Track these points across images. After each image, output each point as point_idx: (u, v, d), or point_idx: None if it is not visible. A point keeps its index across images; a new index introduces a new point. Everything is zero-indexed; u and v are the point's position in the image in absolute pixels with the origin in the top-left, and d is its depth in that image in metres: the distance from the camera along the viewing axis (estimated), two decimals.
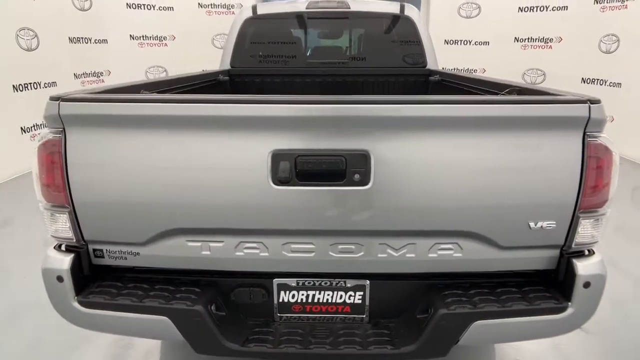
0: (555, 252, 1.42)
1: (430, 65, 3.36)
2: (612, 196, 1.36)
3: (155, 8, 7.70)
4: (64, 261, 1.41)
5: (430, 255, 1.40)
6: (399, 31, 3.36)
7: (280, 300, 1.53)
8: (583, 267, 1.37)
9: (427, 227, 1.35)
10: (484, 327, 1.37)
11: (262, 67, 3.40)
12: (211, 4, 8.13)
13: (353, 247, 1.40)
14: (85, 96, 1.33)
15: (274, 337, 1.46)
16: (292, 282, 1.51)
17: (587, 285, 1.37)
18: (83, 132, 1.33)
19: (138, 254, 1.45)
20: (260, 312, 1.55)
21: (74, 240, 1.43)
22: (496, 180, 1.31)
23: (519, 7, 7.12)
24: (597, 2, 6.24)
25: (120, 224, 1.40)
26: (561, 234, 1.37)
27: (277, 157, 1.28)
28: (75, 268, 1.42)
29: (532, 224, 1.35)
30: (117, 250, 1.45)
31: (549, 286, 1.46)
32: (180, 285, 1.49)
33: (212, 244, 1.41)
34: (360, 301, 1.52)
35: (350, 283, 1.50)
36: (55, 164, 1.35)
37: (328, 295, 1.52)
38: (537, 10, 7.01)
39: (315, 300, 1.53)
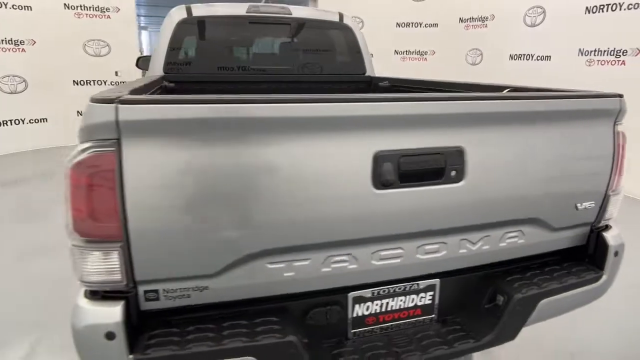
0: (586, 229, 1.61)
1: (369, 72, 3.51)
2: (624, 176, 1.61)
3: (8, 6, 6.44)
4: (114, 312, 1.08)
5: (500, 244, 1.47)
6: (340, 39, 3.43)
7: (355, 314, 1.42)
8: (612, 239, 1.59)
9: (505, 217, 1.42)
10: (546, 304, 1.49)
11: (199, 73, 3.12)
12: (80, 5, 7.15)
13: (437, 246, 1.38)
14: (148, 98, 1.05)
15: (359, 355, 1.36)
16: (367, 293, 1.42)
17: (616, 253, 1.59)
18: (144, 143, 1.05)
19: (206, 288, 1.19)
20: (333, 331, 1.42)
21: (123, 284, 1.11)
22: (555, 168, 1.44)
23: (397, 23, 7.90)
24: (461, 21, 7.29)
25: (186, 254, 1.14)
26: (595, 212, 1.57)
27: (381, 158, 1.20)
28: (127, 319, 1.11)
29: (579, 205, 1.51)
30: (178, 288, 1.18)
31: (580, 260, 1.65)
32: (251, 317, 1.28)
33: (296, 264, 1.24)
34: (430, 301, 1.51)
35: (422, 284, 1.48)
36: (104, 186, 1.03)
37: (401, 301, 1.47)
38: (412, 27, 7.87)
39: (389, 309, 1.46)
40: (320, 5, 7.85)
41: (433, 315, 1.52)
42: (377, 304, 1.44)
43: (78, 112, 7.54)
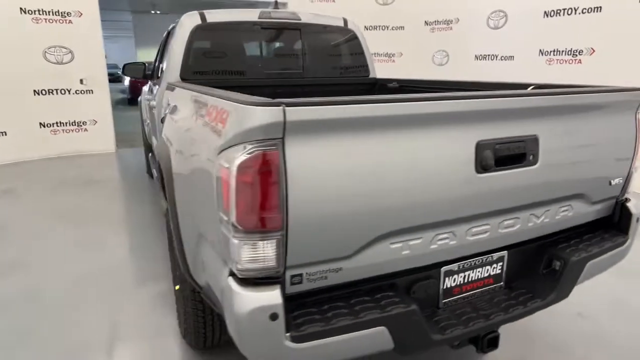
0: (613, 202, 1.91)
1: (372, 75, 3.73)
2: None
3: None
4: (276, 295, 1.21)
5: (556, 217, 1.72)
6: (345, 43, 3.62)
7: (445, 286, 1.62)
8: (634, 207, 1.90)
9: (563, 193, 1.67)
10: (591, 265, 1.76)
11: (217, 78, 3.18)
12: (38, 10, 6.81)
13: (513, 221, 1.61)
14: (308, 100, 1.18)
15: (456, 319, 1.55)
16: (455, 267, 1.61)
17: (638, 220, 1.90)
18: (302, 141, 1.18)
19: (340, 269, 1.34)
20: (427, 302, 1.60)
21: (277, 270, 1.23)
22: (597, 150, 1.72)
23: (365, 26, 8.20)
24: (427, 24, 7.73)
25: (330, 239, 1.28)
26: (621, 187, 1.87)
27: (481, 147, 1.40)
28: (284, 301, 1.23)
29: (612, 181, 1.81)
30: (318, 270, 1.31)
31: (606, 227, 1.95)
32: (370, 293, 1.43)
33: (411, 242, 1.42)
34: (499, 271, 1.73)
35: (495, 256, 1.70)
36: (269, 181, 1.15)
37: (478, 272, 1.68)
38: (379, 29, 8.22)
39: (469, 280, 1.67)
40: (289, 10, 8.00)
41: (501, 283, 1.75)
42: (461, 276, 1.64)
43: (41, 123, 7.18)
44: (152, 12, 17.00)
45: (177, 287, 2.49)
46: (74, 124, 7.43)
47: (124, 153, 7.65)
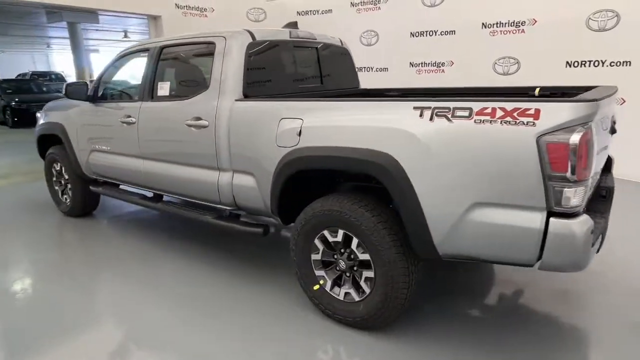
0: None
1: (360, 86, 4.44)
2: None
3: None
4: (589, 218, 1.94)
5: None
6: (343, 59, 4.22)
7: None
8: None
9: None
10: None
11: (271, 92, 3.36)
12: None
13: None
14: (597, 97, 1.93)
15: None
16: None
17: None
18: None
19: None
20: None
21: (581, 205, 1.94)
22: None
23: None
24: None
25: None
26: None
27: None
28: None
29: None
30: None
31: None
32: None
33: None
34: None
35: None
36: (591, 149, 1.88)
37: None
38: None
39: None
40: None
41: None
42: None
43: None
44: None
45: (316, 287, 2.74)
46: None
47: None
